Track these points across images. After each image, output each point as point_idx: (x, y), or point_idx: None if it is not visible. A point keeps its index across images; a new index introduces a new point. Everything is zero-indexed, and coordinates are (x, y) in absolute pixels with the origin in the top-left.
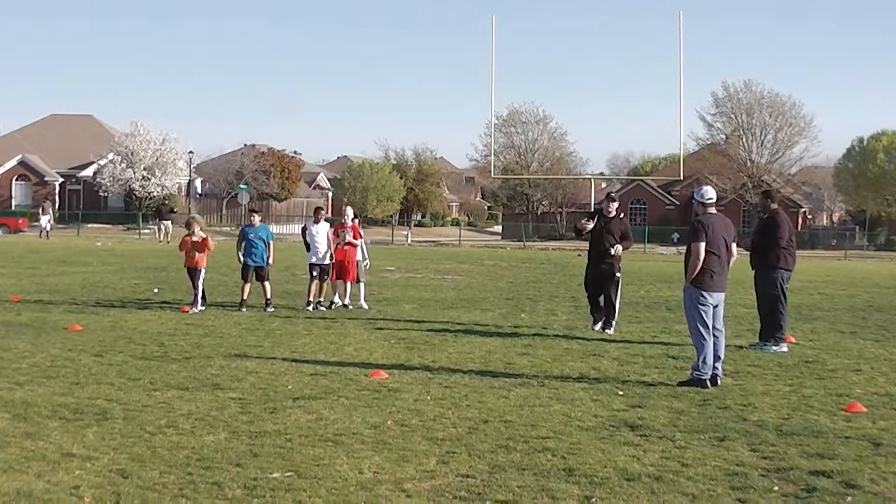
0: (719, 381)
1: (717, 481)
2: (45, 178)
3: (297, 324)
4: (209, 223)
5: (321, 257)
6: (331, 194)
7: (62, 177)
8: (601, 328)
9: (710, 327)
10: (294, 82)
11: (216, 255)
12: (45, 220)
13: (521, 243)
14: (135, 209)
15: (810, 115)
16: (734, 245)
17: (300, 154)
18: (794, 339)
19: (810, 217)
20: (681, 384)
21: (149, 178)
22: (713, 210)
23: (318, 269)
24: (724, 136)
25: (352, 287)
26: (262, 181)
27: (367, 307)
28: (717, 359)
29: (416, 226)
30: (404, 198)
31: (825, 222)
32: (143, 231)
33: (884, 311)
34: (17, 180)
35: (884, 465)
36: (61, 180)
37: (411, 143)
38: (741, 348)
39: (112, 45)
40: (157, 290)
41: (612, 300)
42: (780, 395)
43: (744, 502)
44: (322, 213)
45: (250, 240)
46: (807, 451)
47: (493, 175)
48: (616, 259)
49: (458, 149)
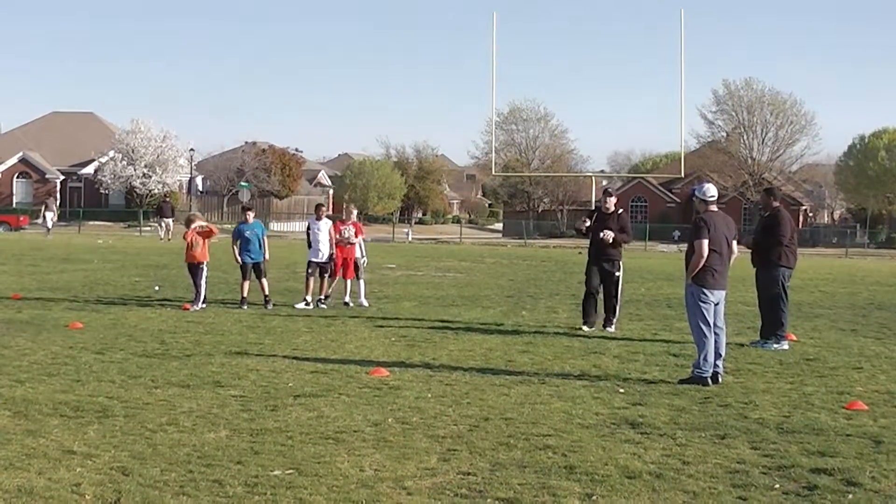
0: (720, 379)
1: (717, 479)
2: (46, 176)
3: (298, 321)
4: (210, 221)
5: (322, 254)
6: (332, 192)
7: (63, 174)
8: (602, 326)
9: (712, 325)
10: (295, 79)
11: (217, 252)
12: (50, 217)
13: (522, 241)
14: (136, 207)
15: (811, 113)
16: (735, 243)
17: (301, 151)
18: (795, 337)
19: (811, 215)
20: (682, 382)
21: (149, 176)
22: (714, 208)
23: (318, 267)
24: (724, 134)
25: (352, 284)
26: (263, 178)
27: (367, 304)
28: (718, 356)
29: (416, 223)
30: (405, 195)
31: (826, 220)
32: (144, 228)
33: (885, 308)
34: (17, 178)
35: (885, 462)
36: (62, 178)
37: (412, 141)
38: (742, 346)
39: (113, 42)
40: (157, 288)
41: (612, 299)
42: (781, 393)
43: (745, 500)
44: (323, 209)
45: (246, 237)
46: (808, 449)
47: (493, 172)
48: (616, 256)
49: (458, 146)
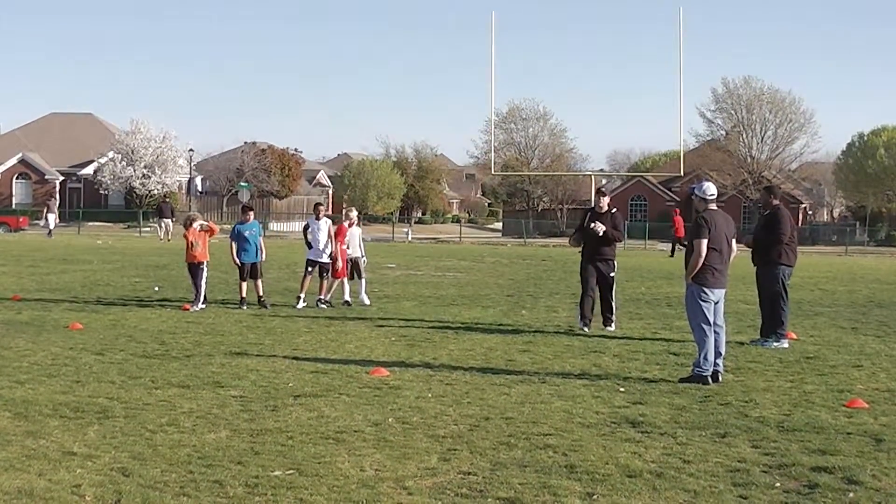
0: (720, 378)
1: (718, 478)
2: (46, 177)
3: (298, 321)
4: (210, 221)
5: (322, 254)
6: (331, 192)
7: (62, 175)
8: (602, 325)
9: (712, 323)
10: (294, 80)
11: (217, 252)
12: (52, 218)
13: (522, 240)
14: (135, 207)
15: (810, 111)
16: (734, 241)
17: (301, 151)
18: (795, 336)
19: (811, 213)
20: (682, 380)
21: (149, 176)
22: (714, 206)
23: (317, 266)
24: (724, 133)
25: (352, 283)
26: (263, 179)
27: (368, 302)
28: (718, 355)
29: (416, 223)
30: (405, 195)
31: (825, 218)
32: (143, 229)
33: (884, 306)
34: (17, 179)
35: (885, 460)
36: (62, 178)
37: (411, 140)
38: (742, 344)
39: (112, 43)
40: (157, 288)
41: (609, 300)
42: (782, 392)
43: (745, 498)
44: (322, 208)
45: (245, 237)
46: (808, 447)
47: (493, 172)
48: (610, 256)
49: (458, 146)
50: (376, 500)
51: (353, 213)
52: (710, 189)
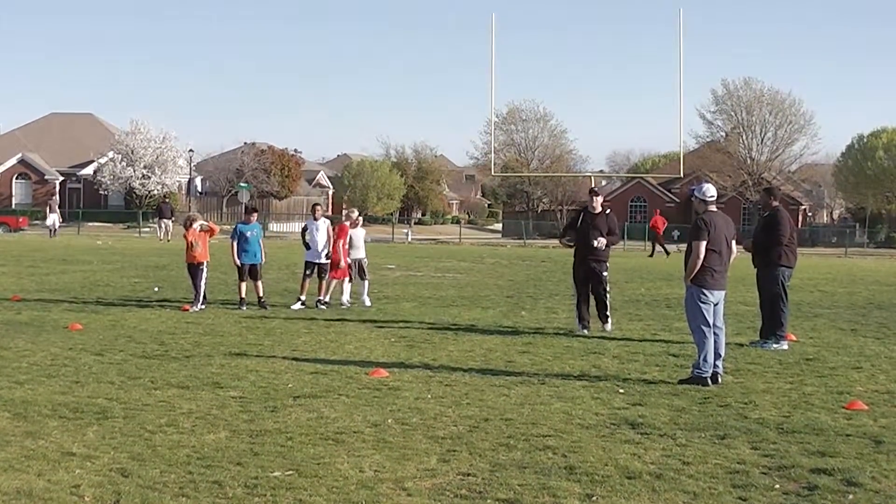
0: (720, 379)
1: (718, 479)
2: (46, 177)
3: (297, 322)
4: (209, 221)
5: (320, 255)
6: (331, 192)
7: (62, 175)
8: (600, 324)
9: (711, 325)
10: (294, 80)
11: (216, 252)
12: (54, 218)
13: (522, 241)
14: (135, 208)
15: (810, 113)
16: (734, 242)
17: (300, 152)
18: (794, 337)
19: (810, 214)
20: (681, 382)
21: (149, 177)
22: (714, 208)
23: (316, 267)
24: (723, 134)
25: (354, 285)
26: (263, 179)
27: (369, 304)
28: (717, 356)
29: (416, 224)
30: (404, 196)
31: (825, 220)
32: (143, 229)
33: (884, 308)
34: (17, 179)
35: (885, 462)
36: (61, 179)
37: (411, 141)
38: (742, 346)
39: (112, 43)
40: (157, 289)
41: (603, 299)
42: (781, 393)
43: (745, 500)
44: (320, 209)
45: (246, 237)
46: (808, 449)
47: (493, 173)
48: (603, 256)
49: (458, 146)
50: (375, 501)
51: (355, 214)
52: (710, 191)
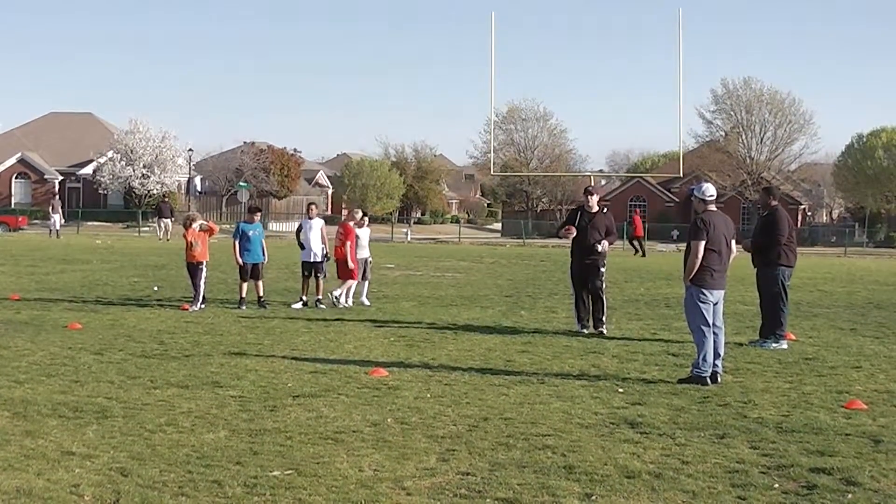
0: (719, 379)
1: (717, 479)
2: (45, 176)
3: (297, 321)
4: (209, 221)
5: (314, 254)
6: (330, 192)
7: (62, 175)
8: (594, 329)
9: (711, 325)
10: (294, 80)
11: (216, 252)
12: (56, 217)
13: (521, 240)
14: (134, 207)
15: (809, 112)
16: (733, 242)
17: (300, 152)
18: (793, 336)
19: (810, 214)
20: (681, 381)
21: (148, 176)
22: (713, 207)
23: (311, 267)
24: (723, 133)
25: (357, 284)
26: (262, 179)
27: (368, 303)
28: (717, 356)
29: (415, 223)
30: (404, 195)
31: (825, 219)
32: (142, 229)
33: (883, 307)
34: (16, 178)
35: (884, 462)
36: (61, 178)
37: (411, 141)
38: (741, 345)
39: (112, 42)
40: (156, 288)
41: (599, 295)
42: (780, 393)
43: (744, 499)
44: (314, 208)
45: (249, 236)
46: (807, 449)
47: (492, 172)
48: (600, 254)
49: (457, 146)
50: (375, 501)
51: (359, 213)
52: (710, 190)
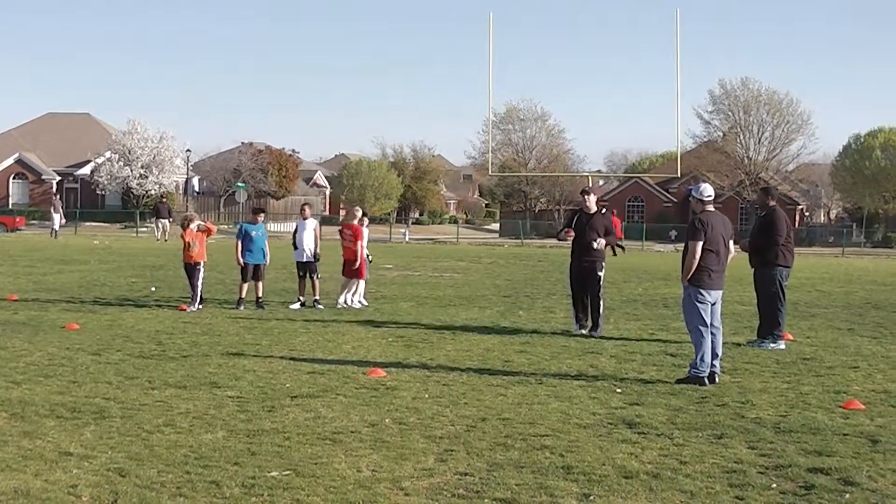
0: (717, 379)
1: (715, 479)
2: (43, 177)
3: (295, 322)
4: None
5: (305, 254)
6: (328, 192)
7: (59, 175)
8: (588, 332)
9: (709, 325)
10: (292, 80)
11: (214, 252)
12: (57, 218)
13: (519, 241)
14: (132, 207)
15: (807, 113)
16: (731, 242)
17: (298, 152)
18: (791, 337)
19: (807, 214)
20: (679, 382)
21: (146, 176)
22: (711, 207)
23: (304, 267)
24: (721, 134)
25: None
26: (260, 179)
27: (366, 303)
28: (715, 356)
29: (413, 223)
30: (402, 195)
31: (822, 219)
32: (140, 229)
33: (881, 308)
34: (14, 179)
35: (881, 461)
36: (58, 178)
37: (409, 141)
38: (739, 346)
39: (109, 43)
40: (154, 289)
41: (597, 299)
42: (778, 393)
43: (742, 500)
44: (308, 208)
45: (252, 237)
46: (805, 449)
47: (490, 172)
48: (599, 255)
49: (455, 146)
50: (373, 501)
51: (359, 212)
52: (707, 190)
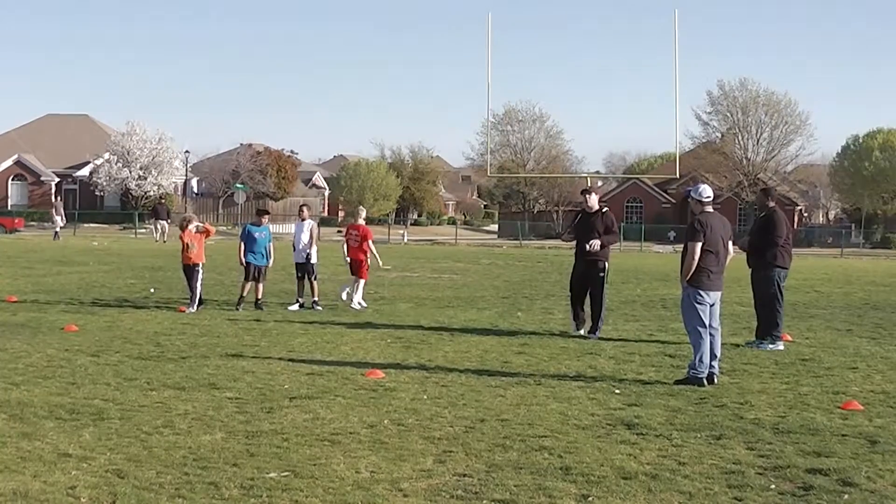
0: (716, 380)
1: (713, 479)
2: (42, 178)
3: (294, 323)
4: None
5: (301, 255)
6: (327, 193)
7: (58, 176)
8: (586, 333)
9: (707, 326)
10: (290, 81)
11: (212, 254)
12: (58, 219)
13: (518, 242)
14: (131, 209)
15: (806, 113)
16: (730, 243)
17: (296, 153)
18: (790, 338)
19: (806, 215)
20: (677, 382)
21: (145, 178)
22: (710, 208)
23: (302, 269)
24: (719, 135)
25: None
26: (259, 180)
27: (365, 305)
28: (713, 357)
29: (412, 225)
30: (400, 196)
31: (821, 220)
32: (139, 231)
33: (879, 308)
34: (13, 180)
35: (880, 462)
36: (57, 180)
37: (407, 142)
38: (738, 346)
39: (108, 44)
40: (153, 290)
41: (599, 300)
42: (777, 393)
43: (740, 500)
44: (305, 210)
45: (255, 238)
46: (803, 449)
47: (489, 174)
48: (601, 255)
49: (454, 147)
50: (371, 502)
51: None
52: (706, 191)
